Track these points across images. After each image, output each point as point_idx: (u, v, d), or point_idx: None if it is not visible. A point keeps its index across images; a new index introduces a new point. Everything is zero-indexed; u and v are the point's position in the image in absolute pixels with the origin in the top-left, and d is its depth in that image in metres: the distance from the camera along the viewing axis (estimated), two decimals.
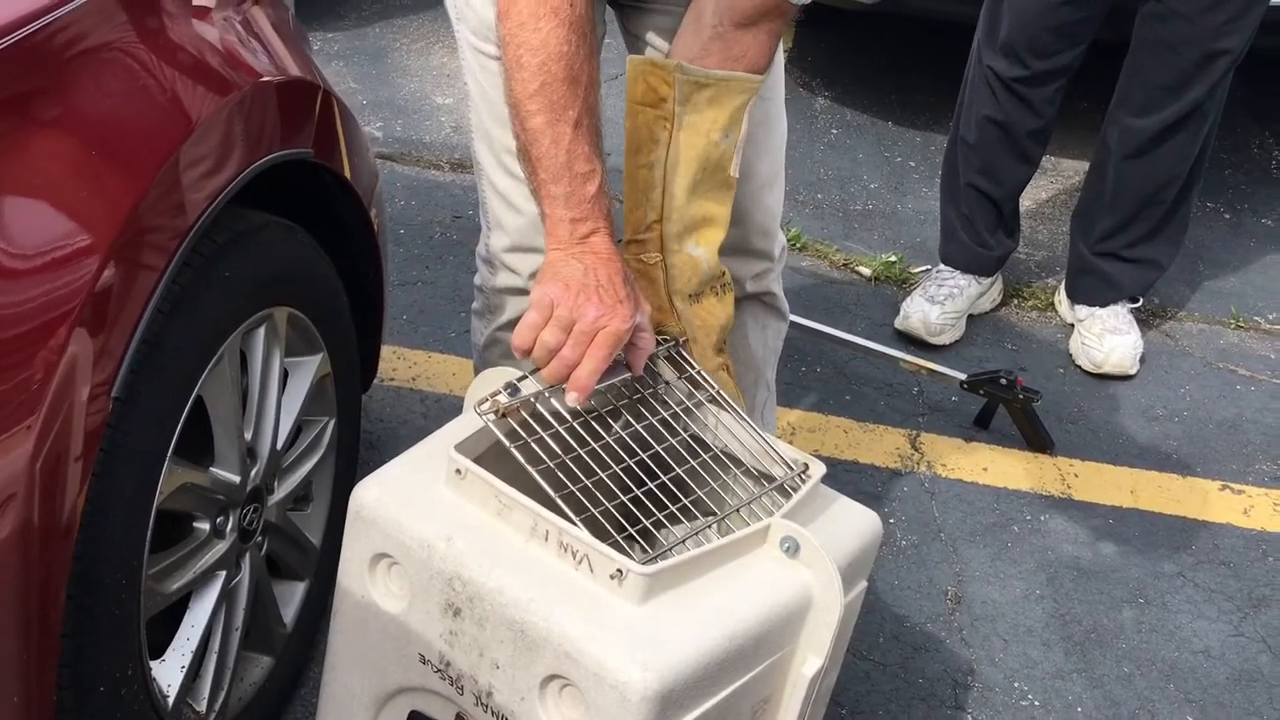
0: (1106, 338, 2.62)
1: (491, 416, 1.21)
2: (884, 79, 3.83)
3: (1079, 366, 2.65)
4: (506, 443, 1.18)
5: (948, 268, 2.74)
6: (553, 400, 1.25)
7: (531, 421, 1.22)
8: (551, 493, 1.14)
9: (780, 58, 1.68)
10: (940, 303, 2.66)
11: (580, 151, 1.28)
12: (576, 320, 1.23)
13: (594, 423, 1.25)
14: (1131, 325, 2.67)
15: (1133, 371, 2.63)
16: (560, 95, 1.27)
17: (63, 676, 1.20)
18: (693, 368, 1.35)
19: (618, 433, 1.25)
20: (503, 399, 1.23)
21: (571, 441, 1.22)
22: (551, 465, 1.17)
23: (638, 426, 1.27)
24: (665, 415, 1.30)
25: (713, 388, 1.33)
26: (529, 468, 1.16)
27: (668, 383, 1.34)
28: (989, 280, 2.76)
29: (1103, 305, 2.68)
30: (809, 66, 3.87)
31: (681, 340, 1.38)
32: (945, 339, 2.65)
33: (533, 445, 1.19)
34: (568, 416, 1.24)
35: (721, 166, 1.40)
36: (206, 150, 1.32)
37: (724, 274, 1.44)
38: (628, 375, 1.29)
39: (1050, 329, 2.78)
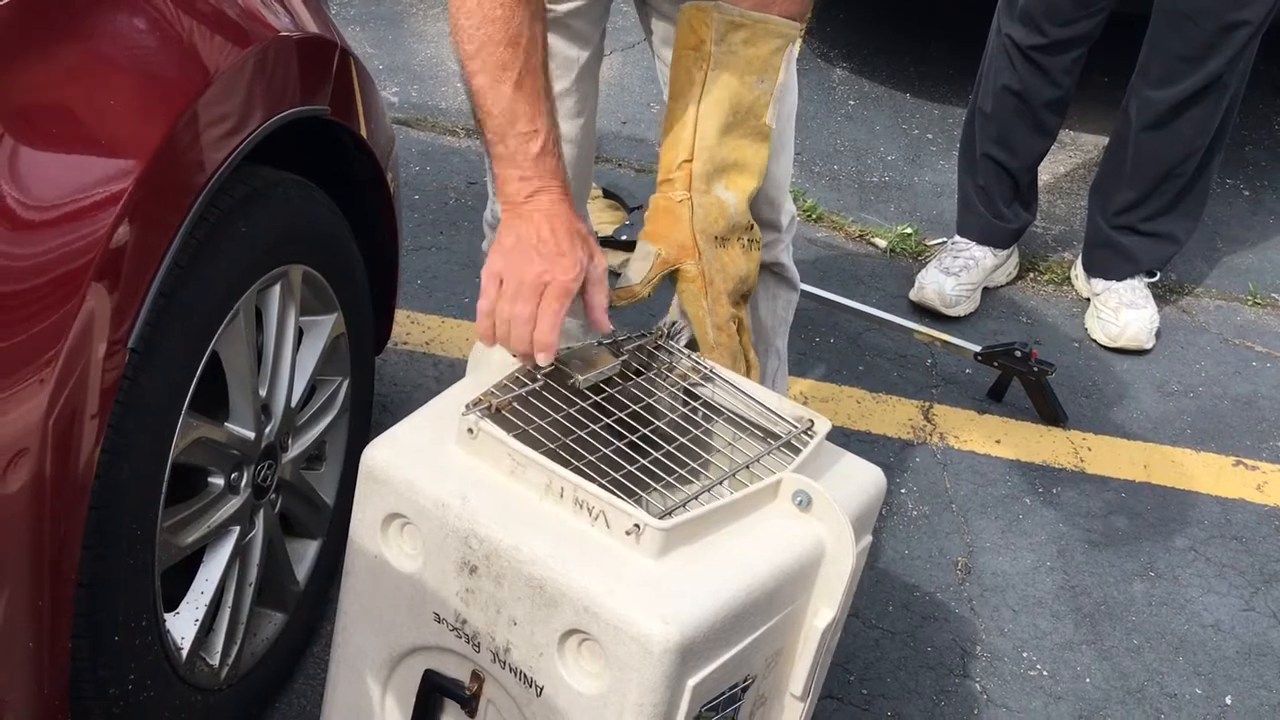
0: (1123, 311, 2.61)
1: (475, 417, 1.18)
2: (903, 51, 3.80)
3: (1095, 340, 2.64)
4: (504, 434, 1.17)
5: (964, 239, 2.72)
6: (548, 389, 1.25)
7: (537, 403, 1.22)
8: (558, 469, 1.13)
9: None
10: (955, 274, 2.64)
11: (522, 111, 1.27)
12: (522, 282, 1.24)
13: (592, 409, 1.24)
14: (1148, 300, 2.65)
15: (1148, 346, 2.61)
16: (498, 57, 1.27)
17: (78, 626, 1.21)
18: (683, 353, 1.34)
19: (617, 415, 1.24)
20: (494, 397, 1.22)
21: (571, 426, 1.22)
22: (553, 448, 1.17)
23: (636, 407, 1.26)
24: (662, 395, 1.29)
25: (705, 366, 1.33)
26: (533, 453, 1.15)
27: (667, 363, 1.33)
28: (1005, 253, 2.74)
29: (1119, 279, 2.66)
30: (827, 37, 3.84)
31: (671, 325, 1.37)
32: (959, 311, 2.64)
33: (531, 433, 1.18)
34: (563, 406, 1.24)
35: (755, 113, 1.40)
36: (223, 104, 1.32)
37: (753, 228, 1.44)
38: (622, 360, 1.29)
39: (1066, 303, 2.77)
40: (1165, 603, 2.05)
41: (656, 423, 1.26)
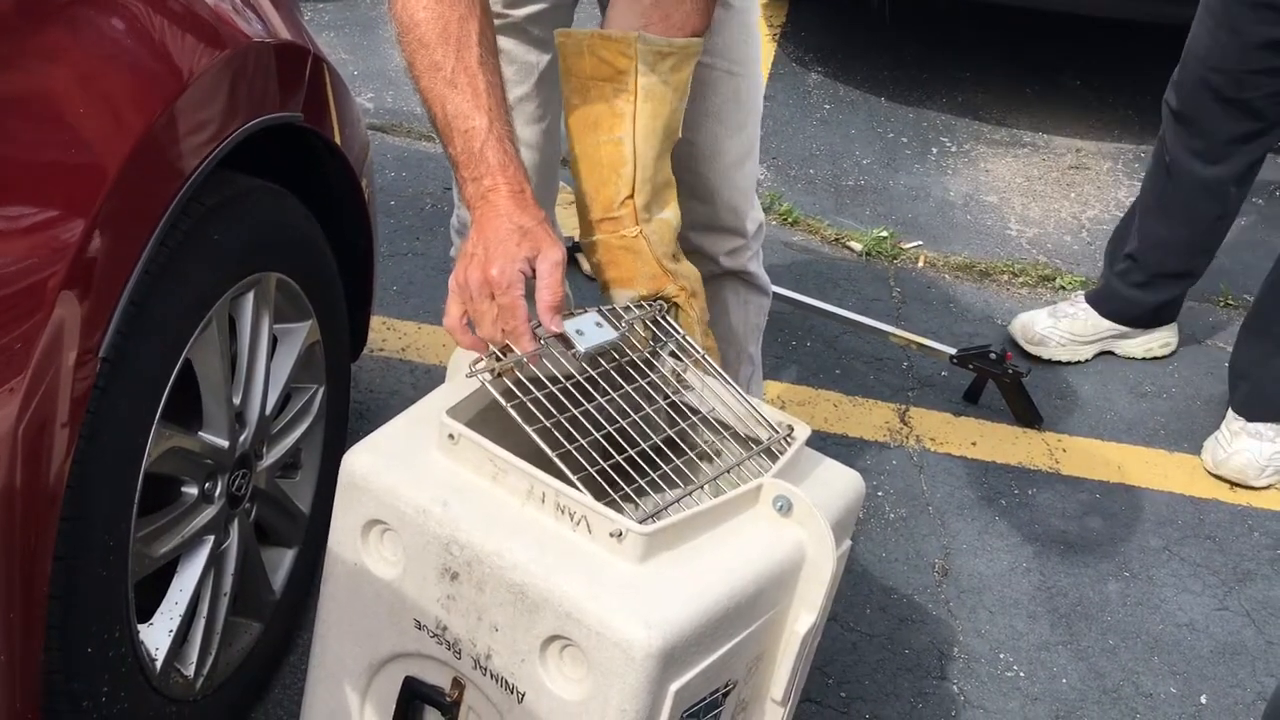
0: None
1: (487, 377, 1.20)
2: (877, 55, 3.82)
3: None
4: (503, 402, 1.17)
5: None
6: (545, 361, 1.24)
7: (525, 382, 1.22)
8: (549, 451, 1.14)
9: (758, 35, 1.66)
10: (1055, 317, 2.58)
11: (459, 109, 1.27)
12: (492, 290, 1.23)
13: (586, 384, 1.24)
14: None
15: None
16: (429, 58, 1.27)
17: (50, 638, 1.19)
18: (678, 332, 1.34)
19: (610, 395, 1.24)
20: (497, 359, 1.22)
21: (566, 402, 1.21)
22: (547, 425, 1.17)
23: (628, 388, 1.27)
24: (654, 378, 1.29)
25: (698, 351, 1.33)
26: (525, 427, 1.15)
27: (655, 347, 1.33)
28: (1133, 329, 2.62)
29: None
30: (802, 42, 3.85)
31: (667, 305, 1.37)
32: (1044, 352, 2.57)
33: (528, 405, 1.18)
34: (561, 377, 1.24)
35: (676, 131, 1.41)
36: (195, 112, 1.31)
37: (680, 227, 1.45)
38: (617, 335, 1.28)
39: (1039, 306, 2.78)
40: (1140, 603, 2.06)
41: (646, 408, 1.26)
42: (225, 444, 1.45)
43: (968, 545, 2.13)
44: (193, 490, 1.43)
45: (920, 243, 2.92)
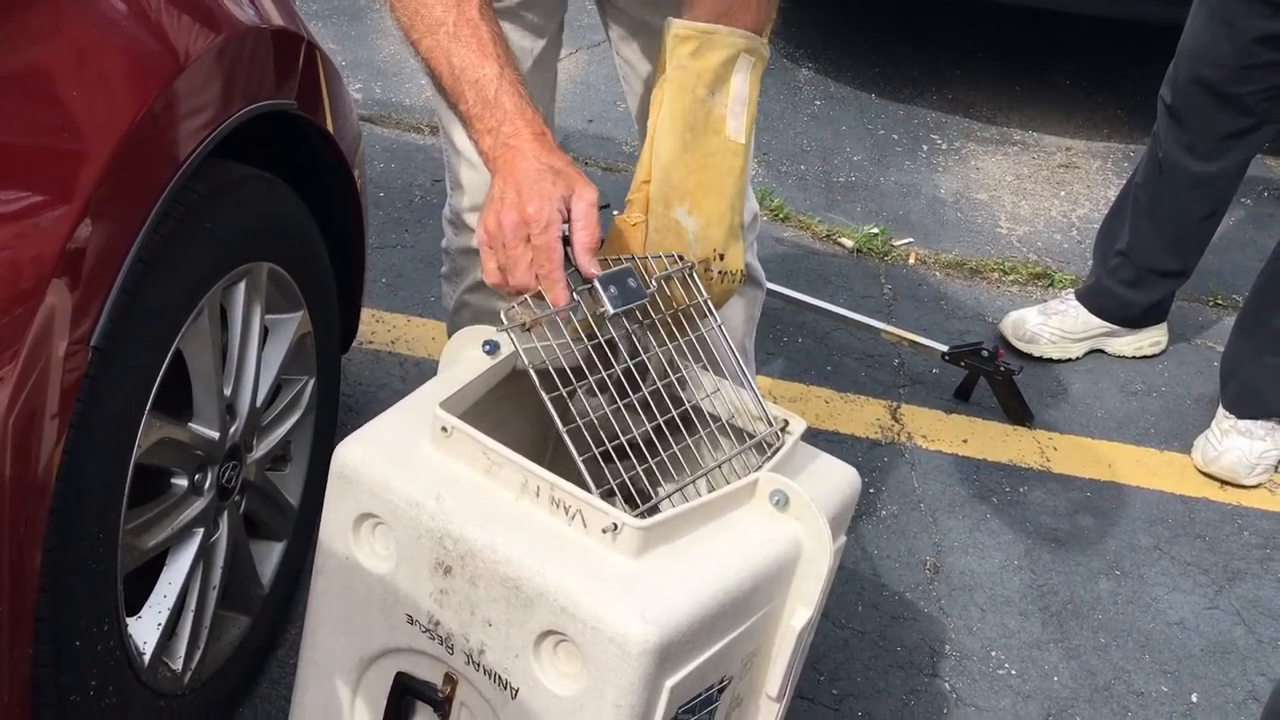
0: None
1: (518, 332, 1.17)
2: (868, 51, 3.82)
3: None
4: (526, 362, 1.15)
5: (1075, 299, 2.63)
6: (576, 312, 1.21)
7: (563, 327, 1.19)
8: (560, 425, 1.12)
9: None
10: (1046, 315, 2.58)
11: (466, 61, 1.24)
12: (528, 231, 1.19)
13: (605, 346, 1.22)
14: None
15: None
16: (429, 17, 1.25)
17: (39, 631, 1.18)
18: (701, 295, 1.31)
19: (626, 363, 1.22)
20: (529, 309, 1.18)
21: (584, 366, 1.19)
22: (564, 394, 1.15)
23: (645, 357, 1.24)
24: (670, 349, 1.26)
25: (715, 319, 1.31)
26: (542, 393, 1.14)
27: (676, 310, 1.29)
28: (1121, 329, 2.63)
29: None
30: (793, 38, 3.85)
31: (693, 265, 1.33)
32: (1035, 349, 2.57)
33: (551, 371, 1.16)
34: (582, 338, 1.21)
35: (714, 129, 1.35)
36: (188, 98, 1.29)
37: (723, 258, 1.35)
38: (645, 297, 1.25)
39: (1030, 303, 2.78)
40: (1131, 601, 2.06)
41: (658, 384, 1.24)
42: (215, 435, 1.43)
43: (959, 543, 2.13)
44: (182, 482, 1.41)
45: (911, 240, 2.91)
